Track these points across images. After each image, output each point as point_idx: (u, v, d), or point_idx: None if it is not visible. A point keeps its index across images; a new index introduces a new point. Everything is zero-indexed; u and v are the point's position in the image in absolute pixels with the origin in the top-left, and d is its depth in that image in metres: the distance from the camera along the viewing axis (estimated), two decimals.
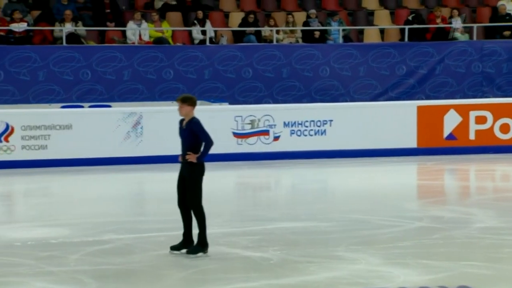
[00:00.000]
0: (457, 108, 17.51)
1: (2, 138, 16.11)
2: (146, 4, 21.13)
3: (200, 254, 8.47)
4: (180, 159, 8.78)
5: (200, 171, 8.66)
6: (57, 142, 16.44)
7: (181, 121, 8.81)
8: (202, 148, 8.71)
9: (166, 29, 20.22)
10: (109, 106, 18.40)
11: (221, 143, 17.03)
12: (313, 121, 17.15)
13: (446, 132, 17.46)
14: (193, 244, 8.56)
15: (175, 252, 8.46)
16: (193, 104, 8.75)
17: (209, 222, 10.48)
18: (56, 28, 19.42)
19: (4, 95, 18.24)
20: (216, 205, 12.11)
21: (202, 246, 8.53)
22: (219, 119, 17.15)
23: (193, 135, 8.69)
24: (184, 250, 8.52)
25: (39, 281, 7.25)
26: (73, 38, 19.29)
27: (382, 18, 21.96)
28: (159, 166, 16.60)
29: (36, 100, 18.38)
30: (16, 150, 16.18)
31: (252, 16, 20.39)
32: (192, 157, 8.59)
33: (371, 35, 21.42)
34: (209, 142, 8.71)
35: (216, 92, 19.38)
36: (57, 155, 16.39)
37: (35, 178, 15.40)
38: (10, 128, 16.14)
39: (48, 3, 20.38)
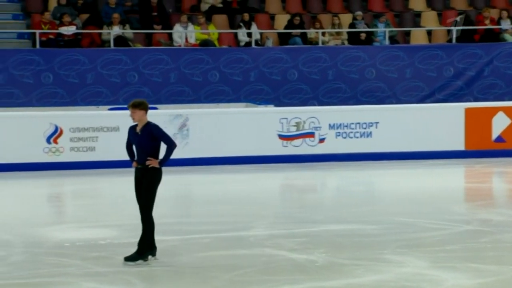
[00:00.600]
0: (506, 110, 17.29)
1: (51, 140, 16.32)
2: (193, 7, 21.23)
3: (139, 261, 8.12)
4: (134, 165, 8.39)
5: (159, 177, 8.41)
6: (105, 144, 16.60)
7: (133, 128, 8.41)
8: (165, 152, 8.30)
9: (212, 32, 20.31)
10: (156, 108, 18.53)
11: (266, 145, 17.09)
12: (358, 123, 17.06)
13: (494, 135, 17.25)
14: (155, 249, 8.27)
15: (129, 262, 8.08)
16: (145, 108, 8.39)
17: (254, 224, 10.51)
18: (104, 31, 19.62)
19: (54, 97, 18.48)
20: (261, 207, 12.12)
21: (140, 254, 8.21)
22: (265, 121, 17.17)
23: (152, 139, 8.32)
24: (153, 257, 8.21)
25: (87, 281, 7.32)
26: (120, 41, 19.46)
27: (429, 19, 21.78)
28: (205, 168, 16.67)
29: (84, 102, 18.59)
30: (64, 152, 16.39)
31: (298, 18, 20.37)
32: (154, 163, 8.26)
33: (418, 36, 21.25)
34: (173, 145, 8.37)
35: (261, 94, 19.41)
36: (105, 156, 16.55)
37: (83, 180, 15.56)
38: (59, 130, 16.35)
39: (96, 6, 20.59)
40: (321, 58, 19.52)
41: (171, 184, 15.28)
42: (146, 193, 8.16)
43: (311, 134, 17.03)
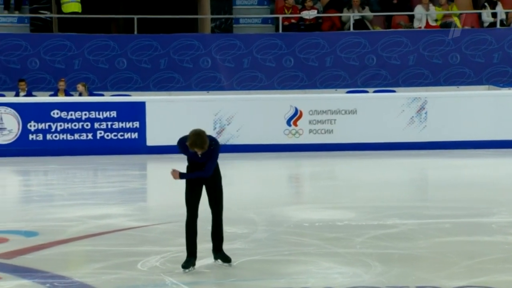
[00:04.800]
0: None
1: (291, 122, 16.76)
2: None
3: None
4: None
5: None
6: (342, 126, 16.79)
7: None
8: (196, 170, 7.17)
9: (453, 13, 19.83)
10: (394, 91, 18.46)
11: (510, 130, 16.47)
12: None
13: None
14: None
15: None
16: None
17: (495, 211, 10.17)
18: (344, 14, 19.78)
19: (294, 80, 18.95)
20: (503, 193, 11.72)
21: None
22: (508, 104, 16.58)
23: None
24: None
25: (326, 261, 7.45)
26: (360, 24, 19.54)
27: None
28: (442, 152, 16.38)
29: (323, 85, 18.90)
30: (303, 134, 16.77)
31: None
32: (176, 175, 7.13)
33: None
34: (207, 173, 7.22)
35: (505, 77, 18.74)
36: (342, 139, 16.75)
37: (321, 161, 15.84)
38: (298, 113, 16.75)
39: None
40: None
41: (408, 168, 15.18)
42: (220, 195, 7.20)
43: None
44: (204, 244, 7.33)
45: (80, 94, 17.70)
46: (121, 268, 7.20)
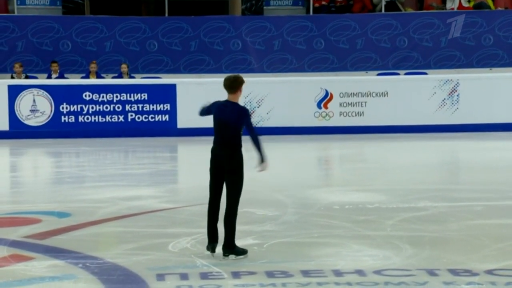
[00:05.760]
0: None
1: (322, 105, 16.72)
2: None
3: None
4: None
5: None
6: (373, 109, 16.73)
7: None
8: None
9: None
10: (425, 73, 18.34)
11: None
12: None
13: None
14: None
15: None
16: None
17: None
18: None
19: (324, 63, 18.89)
20: None
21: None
22: None
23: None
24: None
25: (356, 243, 7.44)
26: (391, 5, 19.41)
27: None
28: (474, 135, 16.27)
29: (354, 67, 18.82)
30: (334, 116, 16.73)
31: None
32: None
33: None
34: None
35: None
36: (373, 121, 16.69)
37: (351, 144, 15.80)
38: (329, 95, 16.71)
39: None
40: None
41: (439, 151, 15.10)
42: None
43: None
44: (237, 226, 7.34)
45: (121, 74, 17.80)
46: (152, 249, 7.26)
